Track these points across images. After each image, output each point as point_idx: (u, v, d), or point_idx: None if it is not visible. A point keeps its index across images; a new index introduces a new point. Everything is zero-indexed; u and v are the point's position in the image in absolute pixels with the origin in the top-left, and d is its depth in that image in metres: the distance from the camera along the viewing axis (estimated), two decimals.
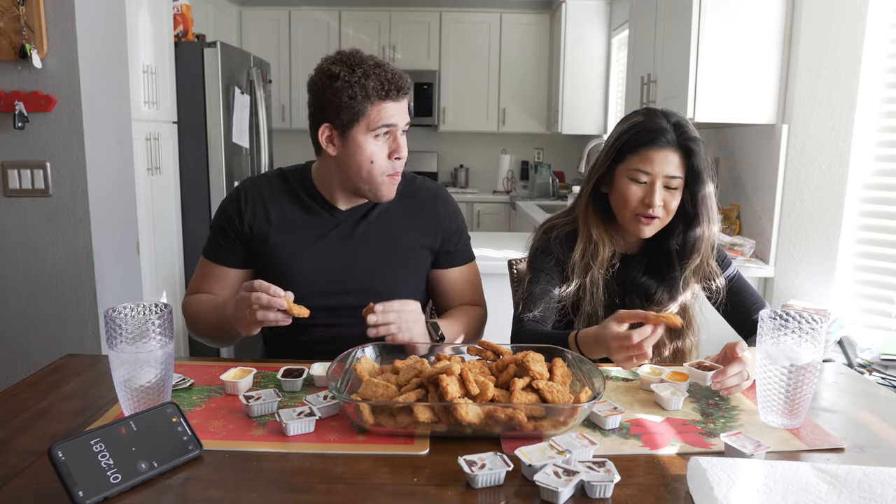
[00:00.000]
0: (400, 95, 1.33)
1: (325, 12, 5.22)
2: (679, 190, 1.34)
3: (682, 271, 1.38)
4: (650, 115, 1.36)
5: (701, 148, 1.32)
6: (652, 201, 1.32)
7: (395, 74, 1.32)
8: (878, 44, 2.18)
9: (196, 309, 1.43)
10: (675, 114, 1.36)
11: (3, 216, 2.12)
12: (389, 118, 1.32)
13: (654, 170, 1.31)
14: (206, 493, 0.82)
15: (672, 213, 1.35)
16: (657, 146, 1.31)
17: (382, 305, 1.20)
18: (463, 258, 1.52)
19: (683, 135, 1.32)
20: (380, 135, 1.32)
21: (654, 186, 1.32)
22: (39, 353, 2.15)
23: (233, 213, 1.43)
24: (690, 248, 1.37)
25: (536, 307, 1.38)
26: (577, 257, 1.40)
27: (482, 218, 5.19)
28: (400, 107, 1.34)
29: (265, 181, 1.47)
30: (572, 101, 4.74)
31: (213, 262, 1.46)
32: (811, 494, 0.77)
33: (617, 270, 1.42)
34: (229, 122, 3.46)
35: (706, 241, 1.37)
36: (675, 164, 1.31)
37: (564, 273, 1.42)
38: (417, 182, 1.51)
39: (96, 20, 2.17)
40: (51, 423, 1.00)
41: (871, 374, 1.90)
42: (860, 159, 2.25)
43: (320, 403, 1.01)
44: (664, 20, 2.71)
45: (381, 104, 1.30)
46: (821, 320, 1.00)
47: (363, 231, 1.43)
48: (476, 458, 0.84)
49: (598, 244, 1.40)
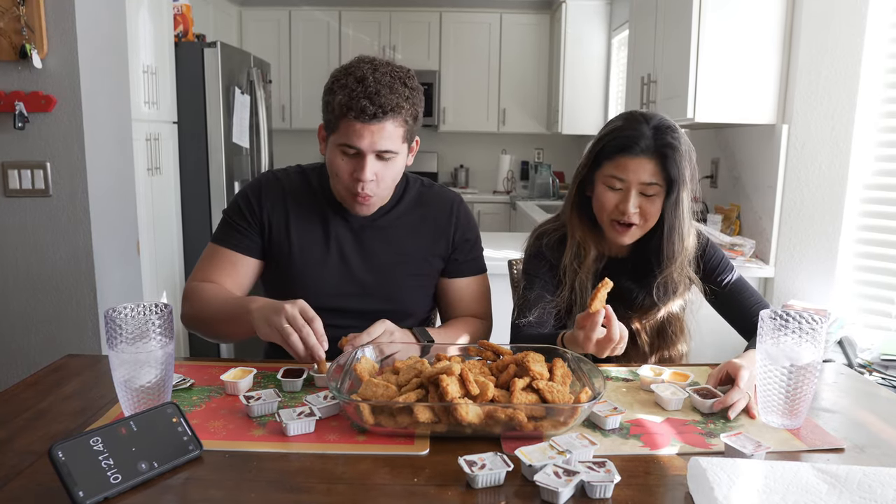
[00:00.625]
0: (366, 118, 1.22)
1: (326, 12, 5.23)
2: (658, 196, 1.31)
3: (659, 277, 1.36)
4: (630, 119, 1.33)
5: (676, 155, 1.28)
6: (626, 208, 1.30)
7: (368, 96, 1.21)
8: (879, 43, 2.18)
9: (207, 296, 1.35)
10: (656, 116, 1.33)
11: (4, 216, 2.12)
12: (352, 139, 1.24)
13: (629, 177, 1.29)
14: (207, 493, 0.82)
15: (651, 219, 1.33)
16: (632, 153, 1.29)
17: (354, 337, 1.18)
18: (472, 269, 1.50)
19: (660, 140, 1.28)
20: (346, 152, 1.28)
21: (628, 193, 1.30)
22: (39, 353, 2.15)
23: (253, 200, 1.41)
24: (669, 256, 1.35)
25: (532, 313, 1.38)
26: (567, 261, 1.40)
27: (482, 218, 5.19)
28: (369, 129, 1.23)
29: (286, 176, 1.44)
30: (572, 102, 4.75)
31: (225, 247, 1.40)
32: (811, 495, 0.77)
33: (604, 274, 1.40)
34: (229, 123, 3.46)
35: (678, 247, 1.34)
36: (649, 171, 1.29)
37: (557, 278, 1.42)
38: (434, 189, 1.50)
39: (96, 20, 2.17)
40: (51, 423, 1.00)
41: (872, 375, 1.90)
42: (860, 159, 2.25)
43: (320, 403, 1.01)
44: (664, 20, 2.71)
45: (347, 122, 1.24)
46: (821, 320, 1.00)
47: (375, 236, 1.42)
48: (476, 458, 0.84)
49: (583, 247, 1.40)
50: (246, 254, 1.41)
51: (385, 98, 1.23)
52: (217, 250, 1.41)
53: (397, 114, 1.25)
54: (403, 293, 1.43)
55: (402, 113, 1.26)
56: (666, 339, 1.43)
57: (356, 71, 1.25)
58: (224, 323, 1.31)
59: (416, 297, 1.46)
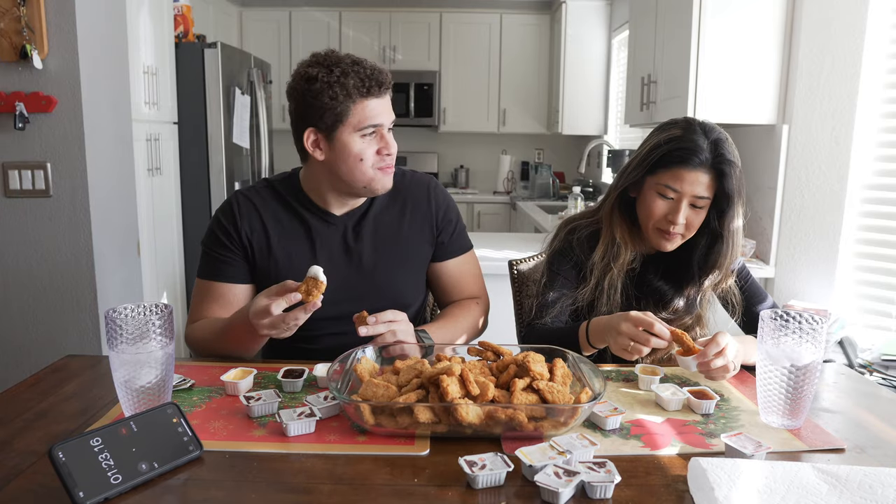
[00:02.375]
0: (382, 91, 1.29)
1: (326, 13, 5.23)
2: (705, 209, 1.32)
3: (701, 285, 1.38)
4: (689, 129, 1.31)
5: (735, 171, 1.29)
6: (675, 219, 1.30)
7: (375, 70, 1.28)
8: (879, 44, 2.18)
9: (203, 333, 1.34)
10: (714, 129, 1.32)
11: (4, 216, 2.12)
12: (375, 117, 1.29)
13: (684, 189, 1.29)
14: (207, 493, 0.82)
15: (694, 230, 1.34)
16: (690, 166, 1.28)
17: (375, 316, 1.18)
18: (459, 248, 1.50)
19: (719, 157, 1.28)
20: (367, 134, 1.30)
21: (679, 204, 1.30)
22: (40, 353, 2.15)
23: (229, 226, 1.38)
24: (712, 265, 1.36)
25: (549, 314, 1.38)
26: (597, 258, 1.40)
27: (482, 218, 5.18)
28: (383, 103, 1.31)
29: (255, 193, 1.42)
30: (572, 102, 4.74)
31: (213, 280, 1.38)
32: (812, 495, 0.77)
33: (636, 273, 1.41)
34: (230, 123, 3.46)
35: (728, 259, 1.36)
36: (704, 184, 1.29)
37: (582, 273, 1.42)
38: (408, 177, 1.49)
39: (97, 21, 2.17)
40: (51, 423, 1.00)
41: (872, 375, 1.89)
42: (861, 159, 2.24)
43: (321, 404, 1.01)
44: (664, 20, 2.71)
45: (363, 102, 1.27)
46: (821, 321, 1.00)
47: (362, 235, 1.42)
48: (476, 458, 0.84)
49: (620, 246, 1.39)
50: (235, 282, 1.39)
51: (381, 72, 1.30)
52: (206, 286, 1.39)
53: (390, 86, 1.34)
54: (398, 286, 1.43)
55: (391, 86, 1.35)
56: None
57: (344, 58, 1.30)
58: (234, 343, 1.29)
59: (409, 288, 1.45)
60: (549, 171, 5.21)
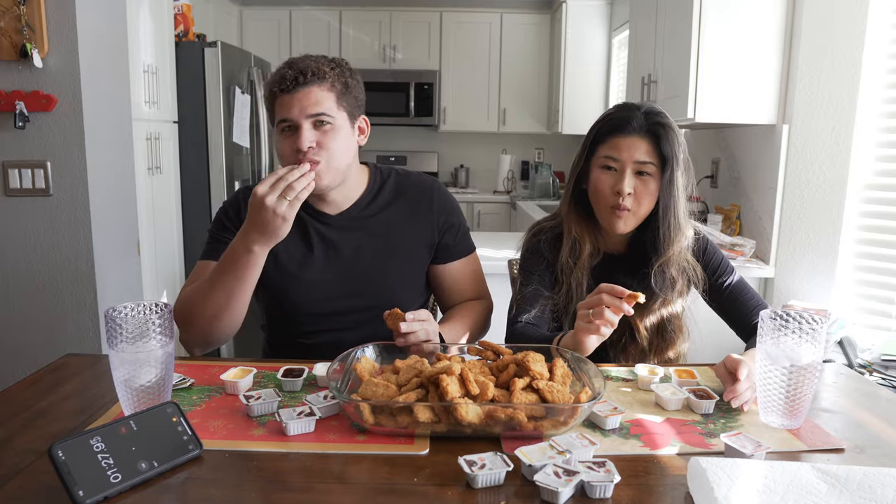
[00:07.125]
0: (292, 86, 1.26)
1: (326, 12, 5.22)
2: (653, 177, 1.32)
3: (656, 264, 1.36)
4: (621, 107, 1.38)
5: (670, 133, 1.31)
6: (622, 188, 1.31)
7: (293, 65, 1.27)
8: (879, 44, 2.18)
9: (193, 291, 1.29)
10: (647, 104, 1.37)
11: (4, 216, 2.12)
12: (283, 112, 1.28)
13: (623, 156, 1.31)
14: (207, 492, 0.82)
15: (645, 202, 1.33)
16: (624, 133, 1.32)
17: (413, 314, 1.18)
18: (462, 251, 1.50)
19: (652, 120, 1.32)
20: (284, 129, 1.30)
21: (623, 174, 1.31)
22: (39, 352, 2.15)
23: (234, 214, 1.41)
24: (663, 238, 1.34)
25: (529, 310, 1.37)
26: (563, 258, 1.40)
27: (482, 218, 5.18)
28: (295, 98, 1.26)
29: None
30: (573, 101, 4.74)
31: (214, 260, 1.34)
32: (811, 495, 0.77)
33: (600, 271, 1.40)
34: (230, 122, 3.46)
35: (674, 229, 1.34)
36: (643, 149, 1.31)
37: (555, 275, 1.42)
38: (412, 178, 1.49)
39: (97, 20, 2.17)
40: (51, 422, 1.00)
41: (872, 375, 1.89)
42: (861, 159, 2.25)
43: (320, 403, 1.01)
44: (664, 20, 2.71)
45: (278, 99, 1.29)
46: (821, 321, 1.00)
47: (358, 234, 1.41)
48: (476, 458, 0.84)
49: (579, 242, 1.39)
50: None
51: (303, 64, 1.27)
52: (205, 266, 1.36)
53: (321, 79, 1.28)
54: (395, 286, 1.42)
55: (326, 79, 1.28)
56: (665, 338, 1.42)
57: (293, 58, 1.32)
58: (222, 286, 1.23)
59: (404, 288, 1.45)
60: (550, 171, 5.21)
